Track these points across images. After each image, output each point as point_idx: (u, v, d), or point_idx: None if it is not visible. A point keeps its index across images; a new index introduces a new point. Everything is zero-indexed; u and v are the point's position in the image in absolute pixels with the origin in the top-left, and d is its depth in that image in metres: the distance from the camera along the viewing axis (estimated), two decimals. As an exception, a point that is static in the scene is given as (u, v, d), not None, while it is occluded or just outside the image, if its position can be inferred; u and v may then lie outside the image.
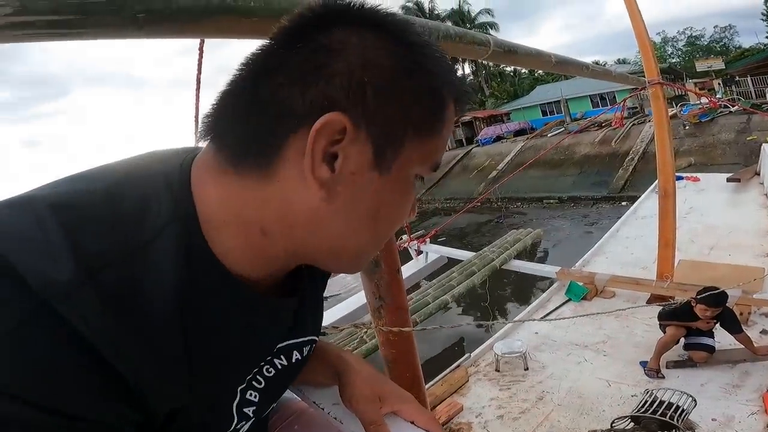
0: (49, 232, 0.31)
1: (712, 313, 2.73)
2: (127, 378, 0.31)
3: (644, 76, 3.48)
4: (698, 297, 2.75)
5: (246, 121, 0.36)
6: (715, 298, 2.71)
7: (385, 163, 0.37)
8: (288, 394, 0.66)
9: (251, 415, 0.47)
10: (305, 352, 0.54)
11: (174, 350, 0.34)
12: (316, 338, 0.58)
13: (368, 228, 0.40)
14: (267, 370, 0.48)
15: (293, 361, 0.52)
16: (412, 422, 0.55)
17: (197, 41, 0.87)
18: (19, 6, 0.33)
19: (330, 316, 3.87)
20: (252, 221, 0.38)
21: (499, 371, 3.27)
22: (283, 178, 0.36)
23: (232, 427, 0.45)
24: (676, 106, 16.70)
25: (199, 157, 0.40)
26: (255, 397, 0.46)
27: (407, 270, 4.95)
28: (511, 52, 1.33)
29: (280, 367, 0.50)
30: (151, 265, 0.33)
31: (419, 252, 5.40)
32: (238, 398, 0.44)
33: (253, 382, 0.47)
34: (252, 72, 0.37)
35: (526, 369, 3.23)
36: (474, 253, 5.69)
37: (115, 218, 0.33)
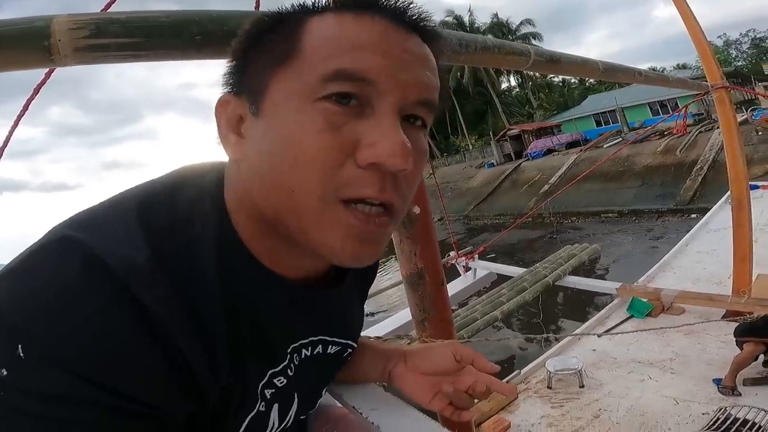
0: (130, 227, 0.36)
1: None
2: (187, 356, 0.35)
3: (707, 81, 3.27)
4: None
5: None
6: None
7: (257, 106, 0.39)
8: (328, 399, 0.67)
9: (273, 399, 0.47)
10: (334, 350, 0.55)
11: (218, 328, 0.38)
12: (354, 344, 0.60)
13: (283, 170, 0.37)
14: (295, 358, 0.49)
15: (324, 354, 0.53)
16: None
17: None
18: (95, 29, 0.39)
19: (378, 330, 3.87)
20: (236, 205, 0.42)
21: (551, 388, 3.12)
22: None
23: (255, 411, 0.45)
24: (747, 111, 15.41)
25: None
26: (282, 382, 0.47)
27: (454, 286, 4.82)
28: (553, 60, 1.31)
29: (309, 355, 0.51)
30: (200, 253, 0.38)
31: (467, 268, 5.25)
32: (265, 380, 0.45)
33: (287, 370, 0.48)
34: None
35: (582, 386, 3.06)
36: (525, 269, 5.50)
37: (176, 215, 0.39)
